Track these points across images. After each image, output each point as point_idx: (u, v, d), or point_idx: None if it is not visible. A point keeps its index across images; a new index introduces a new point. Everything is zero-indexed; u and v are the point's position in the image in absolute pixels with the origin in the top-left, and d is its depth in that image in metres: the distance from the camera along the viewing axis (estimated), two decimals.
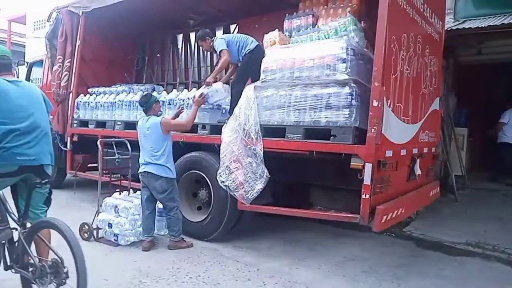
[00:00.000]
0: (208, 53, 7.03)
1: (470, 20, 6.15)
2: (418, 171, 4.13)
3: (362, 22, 4.07)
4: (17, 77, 7.76)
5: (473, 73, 7.74)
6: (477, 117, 8.51)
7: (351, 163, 3.35)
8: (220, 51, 4.54)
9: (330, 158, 3.65)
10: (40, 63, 7.72)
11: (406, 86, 3.78)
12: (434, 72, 4.55)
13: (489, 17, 6.01)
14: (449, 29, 5.56)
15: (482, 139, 8.71)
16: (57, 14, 6.70)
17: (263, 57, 4.17)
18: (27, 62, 8.42)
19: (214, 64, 6.91)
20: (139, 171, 4.22)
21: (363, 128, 3.39)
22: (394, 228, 4.84)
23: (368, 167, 3.24)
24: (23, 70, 8.40)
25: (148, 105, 4.26)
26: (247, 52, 4.50)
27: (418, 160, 4.12)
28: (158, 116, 4.31)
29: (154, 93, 5.29)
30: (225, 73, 5.10)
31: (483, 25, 5.59)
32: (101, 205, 4.45)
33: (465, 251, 4.41)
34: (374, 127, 3.23)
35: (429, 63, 4.37)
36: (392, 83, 3.49)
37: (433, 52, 4.45)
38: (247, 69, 4.55)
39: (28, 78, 8.11)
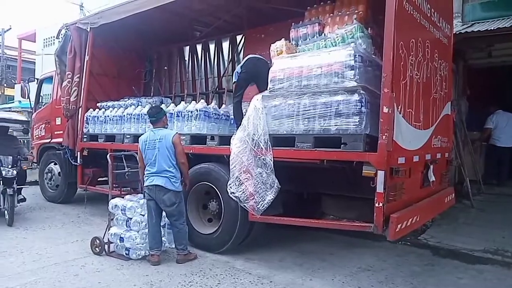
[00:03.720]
0: (215, 64, 7.07)
1: (478, 23, 6.10)
2: (432, 178, 4.05)
3: (369, 28, 4.05)
4: (28, 94, 8.03)
5: (484, 77, 7.64)
6: None
7: (363, 171, 3.29)
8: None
9: (341, 167, 3.60)
10: (50, 79, 7.83)
11: (416, 92, 3.72)
12: (444, 77, 4.50)
13: (498, 20, 5.95)
14: (457, 32, 5.51)
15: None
16: (65, 31, 6.81)
17: (256, 64, 4.69)
18: (37, 79, 8.55)
19: (221, 75, 6.95)
20: (145, 184, 4.16)
21: (374, 135, 3.33)
22: (409, 237, 4.74)
23: (381, 175, 3.18)
24: (33, 86, 8.53)
25: (160, 115, 4.30)
26: (240, 69, 4.83)
27: (431, 166, 4.04)
28: (165, 128, 4.32)
29: (162, 106, 5.31)
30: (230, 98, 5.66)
31: (492, 28, 5.52)
32: (112, 219, 4.43)
33: (483, 258, 4.29)
34: (385, 134, 3.18)
35: (439, 67, 4.32)
36: (402, 89, 3.44)
37: (442, 56, 4.40)
38: (239, 81, 4.82)
39: (38, 95, 8.24)
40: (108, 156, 4.79)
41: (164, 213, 4.22)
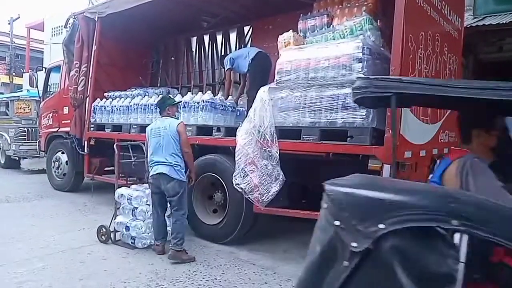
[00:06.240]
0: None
1: (490, 16, 6.00)
2: None
3: (378, 21, 4.01)
4: (36, 83, 7.80)
5: (494, 71, 7.53)
6: None
7: (369, 164, 3.28)
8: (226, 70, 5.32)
9: (347, 160, 3.58)
10: (57, 68, 7.87)
11: None
12: (454, 71, 4.44)
13: (510, 13, 5.84)
14: (468, 26, 5.43)
15: None
16: (73, 20, 6.82)
17: (266, 61, 4.90)
18: (45, 68, 8.60)
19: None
20: (150, 174, 4.07)
21: (380, 128, 3.32)
22: None
23: (386, 169, 3.16)
24: (41, 75, 8.59)
25: (163, 106, 4.22)
26: (250, 61, 4.93)
27: (438, 161, 4.01)
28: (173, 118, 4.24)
29: (177, 97, 5.27)
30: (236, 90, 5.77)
31: (504, 21, 5.44)
32: (118, 208, 4.48)
33: None
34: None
35: (448, 61, 4.26)
36: None
37: (452, 50, 4.34)
38: (255, 75, 4.94)
39: (46, 84, 8.30)
40: (114, 145, 4.82)
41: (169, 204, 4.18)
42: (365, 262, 1.20)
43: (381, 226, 1.17)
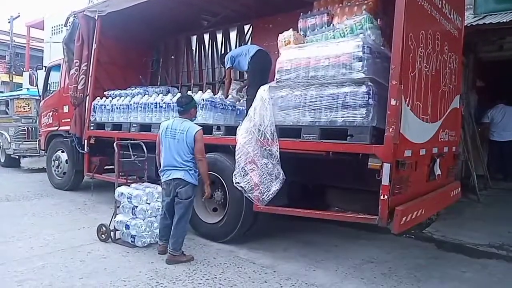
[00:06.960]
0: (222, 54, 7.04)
1: (490, 15, 6.00)
2: (437, 171, 4.03)
3: (379, 19, 3.99)
4: (36, 82, 7.80)
5: (495, 70, 7.54)
6: None
7: (369, 163, 3.28)
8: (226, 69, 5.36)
9: (347, 159, 3.59)
10: (57, 67, 7.87)
11: (425, 84, 3.68)
12: (454, 69, 4.44)
13: (510, 12, 5.84)
14: (468, 24, 5.42)
15: None
16: (73, 19, 6.82)
17: (266, 59, 4.92)
18: (45, 67, 8.60)
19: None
20: (162, 180, 3.94)
21: (380, 127, 3.32)
22: (414, 230, 4.74)
23: (386, 167, 3.16)
24: (41, 74, 8.59)
25: (188, 107, 3.99)
26: (249, 59, 4.95)
27: (438, 160, 4.01)
28: (192, 120, 4.06)
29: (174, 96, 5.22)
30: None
31: (504, 20, 5.42)
32: (118, 207, 4.48)
33: (488, 253, 4.29)
34: (392, 127, 3.16)
35: (449, 60, 4.26)
36: (411, 81, 3.41)
37: (453, 48, 4.34)
38: (254, 73, 4.98)
39: (46, 82, 8.29)
40: (114, 144, 4.82)
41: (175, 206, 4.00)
42: None
43: None
